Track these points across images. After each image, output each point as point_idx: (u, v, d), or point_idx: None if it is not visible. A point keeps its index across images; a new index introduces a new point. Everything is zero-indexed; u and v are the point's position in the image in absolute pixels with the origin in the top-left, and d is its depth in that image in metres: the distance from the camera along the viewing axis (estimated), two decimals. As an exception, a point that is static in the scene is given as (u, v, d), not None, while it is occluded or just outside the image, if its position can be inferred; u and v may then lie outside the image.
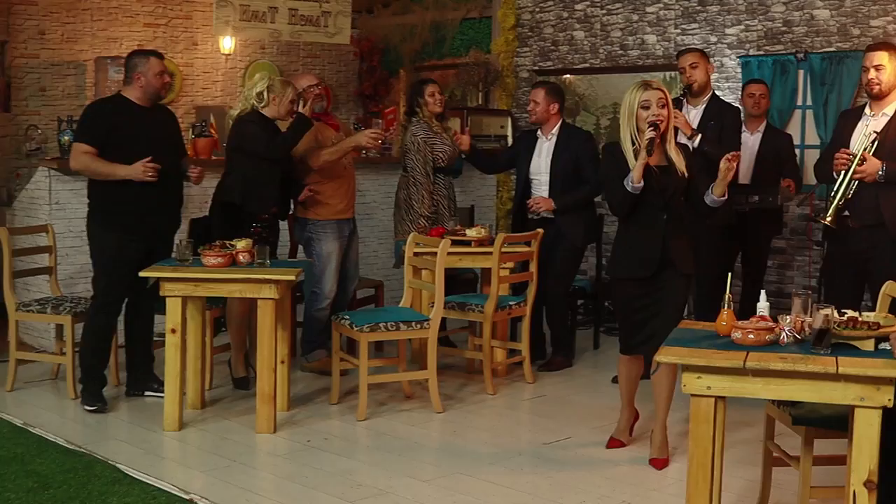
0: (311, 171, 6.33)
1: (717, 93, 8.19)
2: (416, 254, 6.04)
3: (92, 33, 9.16)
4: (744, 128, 6.76)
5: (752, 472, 4.53)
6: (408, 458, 4.88)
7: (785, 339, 3.57)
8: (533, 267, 6.28)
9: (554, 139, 6.66)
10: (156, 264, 5.34)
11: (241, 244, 5.42)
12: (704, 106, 6.23)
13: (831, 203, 5.24)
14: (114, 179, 5.46)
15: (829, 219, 5.23)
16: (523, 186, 6.77)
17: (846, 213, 5.24)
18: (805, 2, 7.77)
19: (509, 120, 9.34)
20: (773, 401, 4.05)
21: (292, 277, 5.20)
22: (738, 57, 8.11)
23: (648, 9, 8.71)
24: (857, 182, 5.16)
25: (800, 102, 7.88)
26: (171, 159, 5.69)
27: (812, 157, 7.27)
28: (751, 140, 6.87)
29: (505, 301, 6.22)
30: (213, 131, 7.62)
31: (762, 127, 6.94)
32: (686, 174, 4.75)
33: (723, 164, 4.62)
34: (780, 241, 7.68)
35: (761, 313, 3.78)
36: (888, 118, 5.19)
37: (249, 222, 5.98)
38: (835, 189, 5.24)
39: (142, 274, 5.20)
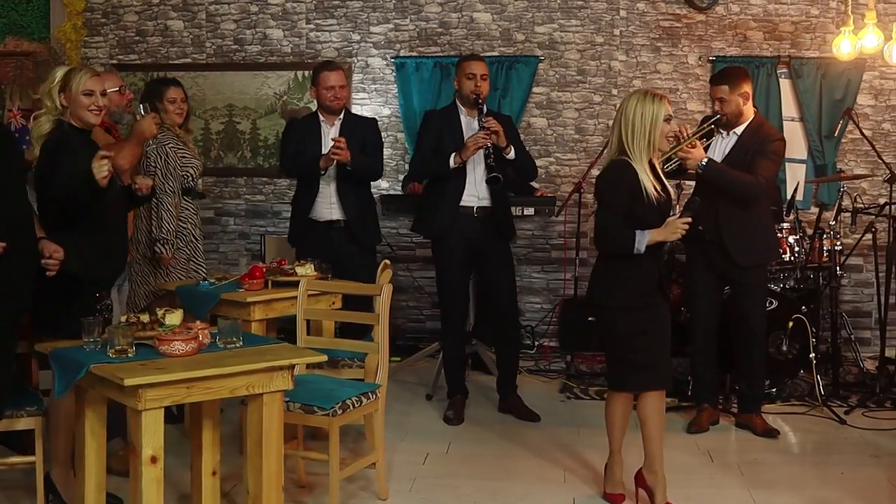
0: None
1: (364, 95, 7.77)
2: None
3: None
4: None
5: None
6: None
7: None
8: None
9: (339, 123, 5.90)
10: (68, 359, 3.44)
11: (176, 318, 3.79)
12: (482, 116, 5.75)
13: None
14: None
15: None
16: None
17: (700, 227, 5.25)
18: (463, 3, 7.64)
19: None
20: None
21: (323, 357, 3.75)
22: (391, 58, 7.68)
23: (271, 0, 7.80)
24: (677, 162, 5.25)
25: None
26: (23, 202, 3.80)
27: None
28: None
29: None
30: None
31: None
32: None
33: None
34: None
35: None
36: (737, 137, 5.42)
37: (93, 289, 4.18)
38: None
39: (127, 382, 3.27)
